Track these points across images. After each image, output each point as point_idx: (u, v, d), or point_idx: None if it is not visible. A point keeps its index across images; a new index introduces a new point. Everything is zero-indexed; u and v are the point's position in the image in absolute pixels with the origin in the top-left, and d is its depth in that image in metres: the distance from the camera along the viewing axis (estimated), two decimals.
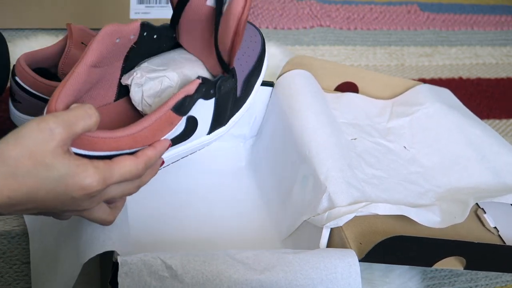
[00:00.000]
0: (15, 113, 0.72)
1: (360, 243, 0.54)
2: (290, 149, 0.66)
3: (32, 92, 0.69)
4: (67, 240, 0.52)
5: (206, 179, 0.70)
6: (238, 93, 0.56)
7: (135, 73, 0.52)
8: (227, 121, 0.56)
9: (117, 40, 0.49)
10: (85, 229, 0.49)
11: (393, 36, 1.14)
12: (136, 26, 0.50)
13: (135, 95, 0.52)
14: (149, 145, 0.45)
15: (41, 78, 0.68)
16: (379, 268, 0.63)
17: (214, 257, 0.48)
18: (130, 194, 0.46)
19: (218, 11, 0.50)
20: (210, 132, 0.54)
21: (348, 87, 0.81)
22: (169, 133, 0.47)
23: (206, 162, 0.72)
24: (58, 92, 0.42)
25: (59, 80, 0.69)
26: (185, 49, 0.57)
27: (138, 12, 0.94)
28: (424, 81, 1.04)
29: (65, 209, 0.42)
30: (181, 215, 0.65)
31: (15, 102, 0.70)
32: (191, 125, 0.50)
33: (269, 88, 0.72)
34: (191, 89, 0.47)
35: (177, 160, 0.54)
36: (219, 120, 0.54)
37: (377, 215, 0.57)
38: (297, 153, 0.64)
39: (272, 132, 0.71)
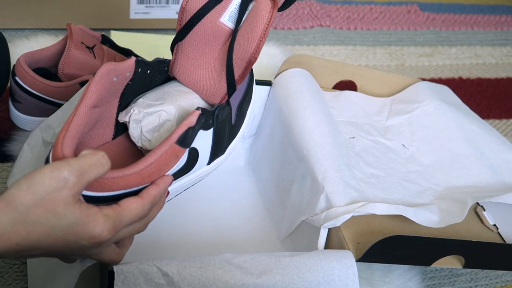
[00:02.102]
0: (15, 113, 0.72)
1: (358, 243, 0.54)
2: (289, 149, 0.66)
3: (32, 92, 0.69)
4: None
5: (204, 178, 0.70)
6: (233, 120, 0.56)
7: (132, 110, 0.52)
8: (225, 149, 0.56)
9: (115, 79, 0.49)
10: None
11: (393, 36, 1.14)
12: (132, 63, 0.50)
13: (134, 131, 0.52)
14: (152, 183, 0.45)
15: (41, 78, 0.68)
16: (379, 268, 0.63)
17: (210, 262, 0.47)
18: (138, 232, 0.46)
19: (236, 27, 0.51)
20: (210, 162, 0.54)
21: (346, 85, 0.80)
22: (173, 167, 0.47)
23: None
24: (62, 136, 0.42)
25: (59, 80, 0.69)
26: (178, 81, 0.57)
27: (138, 12, 0.94)
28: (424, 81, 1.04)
29: (75, 254, 0.42)
30: (180, 215, 0.65)
31: (15, 102, 0.70)
32: (193, 157, 0.50)
33: (267, 88, 0.72)
34: (193, 120, 0.47)
35: (180, 193, 0.54)
36: (218, 149, 0.54)
37: (375, 215, 0.57)
38: (295, 152, 0.64)
39: (270, 132, 0.71)
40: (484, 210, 0.65)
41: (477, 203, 0.66)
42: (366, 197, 0.59)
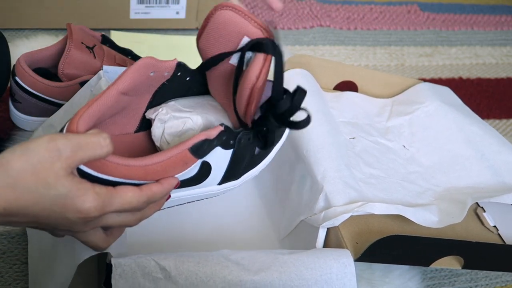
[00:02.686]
0: (15, 113, 0.72)
1: (357, 243, 0.54)
2: (288, 149, 0.66)
3: (32, 92, 0.69)
4: (64, 241, 0.52)
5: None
6: (256, 151, 0.54)
7: (160, 109, 0.52)
8: (240, 176, 0.55)
9: (152, 74, 0.49)
10: None
11: (393, 36, 1.14)
12: (173, 65, 0.50)
13: (156, 130, 0.51)
14: (157, 180, 0.45)
15: (41, 78, 0.68)
16: (379, 268, 0.63)
17: (208, 258, 0.48)
18: (129, 226, 0.45)
19: (237, 71, 0.50)
20: (221, 183, 0.53)
21: (347, 86, 0.81)
22: (181, 174, 0.46)
23: None
24: (83, 111, 0.42)
25: (59, 80, 0.69)
26: (213, 97, 0.57)
27: (138, 12, 0.95)
28: (424, 81, 1.04)
29: (59, 228, 0.42)
30: (179, 215, 0.65)
31: (15, 102, 0.71)
32: (204, 171, 0.49)
33: None
34: (212, 134, 0.46)
35: (182, 204, 0.53)
36: (232, 173, 0.53)
37: (374, 214, 0.57)
38: (294, 152, 0.64)
39: None
40: (484, 211, 0.65)
41: (477, 204, 0.66)
42: (366, 197, 0.59)
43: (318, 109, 0.68)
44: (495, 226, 0.64)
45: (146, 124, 0.54)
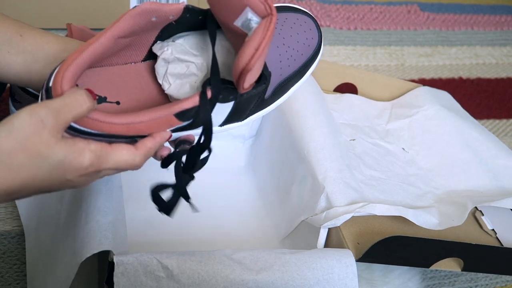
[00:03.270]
0: None
1: (358, 243, 0.54)
2: (289, 150, 0.66)
3: (32, 92, 0.69)
4: (63, 239, 0.52)
5: (205, 178, 0.70)
6: (267, 94, 0.51)
7: (166, 48, 0.50)
8: (245, 118, 0.52)
9: (154, 19, 0.47)
10: (81, 228, 0.49)
11: (393, 36, 1.14)
12: (179, 8, 0.47)
13: (160, 68, 0.50)
14: (149, 135, 0.44)
15: None
16: (379, 268, 0.62)
17: (210, 257, 0.48)
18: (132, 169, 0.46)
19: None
20: (222, 125, 0.51)
21: (347, 88, 0.81)
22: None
23: None
24: (72, 60, 0.42)
25: None
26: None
27: None
28: (424, 81, 1.04)
29: (61, 188, 0.42)
30: (179, 215, 0.65)
31: (15, 102, 0.71)
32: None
33: None
34: (199, 98, 0.44)
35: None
36: (236, 117, 0.51)
37: (375, 215, 0.57)
38: (295, 153, 0.64)
39: (271, 133, 0.71)
40: (483, 215, 0.65)
41: (476, 208, 0.66)
42: (366, 198, 0.59)
43: (319, 110, 0.68)
44: (493, 230, 0.64)
45: (154, 55, 0.52)
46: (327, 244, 0.56)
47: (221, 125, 0.51)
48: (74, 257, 0.47)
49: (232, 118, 0.50)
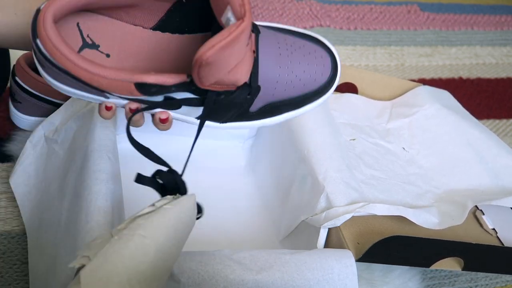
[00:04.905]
0: (15, 113, 0.72)
1: (358, 243, 0.54)
2: (289, 149, 0.66)
3: (32, 92, 0.69)
4: (64, 239, 0.52)
5: (205, 178, 0.70)
6: (253, 108, 0.50)
7: None
8: (224, 122, 0.51)
9: None
10: (82, 228, 0.49)
11: (393, 36, 1.14)
12: None
13: None
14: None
15: (41, 78, 0.68)
16: (379, 268, 0.62)
17: (210, 257, 0.48)
18: None
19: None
20: (199, 118, 0.50)
21: (347, 87, 0.81)
22: (140, 97, 0.45)
23: (205, 162, 0.72)
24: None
25: None
26: None
27: None
28: (424, 81, 1.04)
29: None
30: None
31: (15, 102, 0.71)
32: (171, 104, 0.46)
33: None
34: (168, 81, 0.43)
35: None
36: (213, 117, 0.50)
37: (375, 215, 0.57)
38: (295, 153, 0.64)
39: (271, 133, 0.71)
40: (483, 214, 0.65)
41: (476, 207, 0.66)
42: (366, 198, 0.59)
43: (319, 110, 0.68)
44: (493, 229, 0.64)
45: (166, 24, 0.51)
46: (327, 244, 0.56)
47: (197, 118, 0.50)
48: (75, 257, 0.47)
49: (210, 116, 0.49)
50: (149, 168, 0.69)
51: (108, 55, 0.49)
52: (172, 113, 0.49)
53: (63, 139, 0.62)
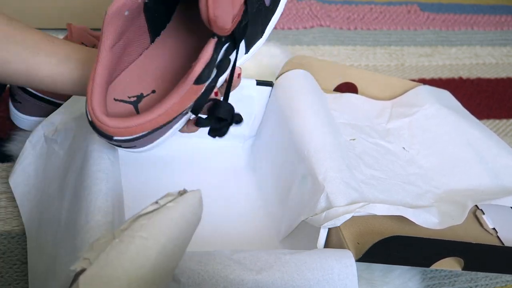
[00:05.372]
0: (15, 113, 0.72)
1: (358, 243, 0.54)
2: (289, 149, 0.66)
3: (32, 92, 0.69)
4: (64, 239, 0.52)
5: (205, 178, 0.70)
6: (267, 2, 0.53)
7: None
8: (263, 32, 0.55)
9: (126, 13, 0.47)
10: (82, 227, 0.49)
11: (393, 36, 1.14)
12: None
13: None
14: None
15: None
16: (379, 268, 0.62)
17: (210, 257, 0.48)
18: None
19: None
20: (247, 51, 0.53)
21: (347, 87, 0.81)
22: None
23: (205, 162, 0.72)
24: (91, 90, 0.45)
25: None
26: None
27: None
28: (424, 81, 1.04)
29: None
30: None
31: (15, 102, 0.71)
32: (224, 66, 0.49)
33: (269, 88, 0.72)
34: (208, 54, 0.46)
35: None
36: (253, 36, 0.53)
37: (375, 215, 0.57)
38: (295, 153, 0.64)
39: (271, 132, 0.71)
40: (484, 213, 0.65)
41: (477, 206, 0.66)
42: (366, 198, 0.59)
43: (319, 110, 0.68)
44: (494, 229, 0.64)
45: (156, 30, 0.53)
46: (327, 244, 0.56)
47: (246, 52, 0.53)
48: (75, 257, 0.47)
49: (251, 39, 0.53)
50: (149, 169, 0.69)
51: (154, 91, 0.51)
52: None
53: (63, 139, 0.62)
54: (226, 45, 0.49)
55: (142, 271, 0.36)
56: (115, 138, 0.46)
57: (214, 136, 0.56)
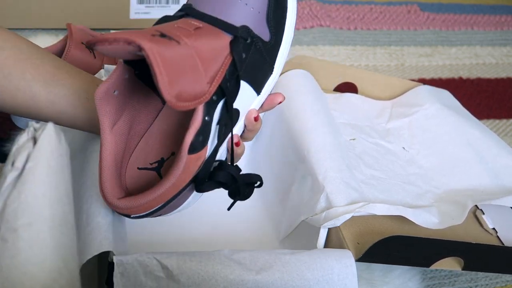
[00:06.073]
0: None
1: (358, 243, 0.54)
2: (289, 149, 0.66)
3: None
4: None
5: None
6: (268, 37, 0.48)
7: None
8: (273, 66, 0.50)
9: (115, 93, 0.46)
10: (83, 229, 0.49)
11: (393, 36, 1.14)
12: (120, 71, 0.45)
13: None
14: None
15: None
16: (378, 268, 0.62)
17: (210, 257, 0.48)
18: None
19: None
20: (258, 92, 0.49)
21: (347, 87, 0.81)
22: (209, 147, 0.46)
23: None
24: (100, 173, 0.45)
25: None
26: None
27: (138, 12, 0.94)
28: (424, 81, 1.04)
29: None
30: (179, 215, 0.65)
31: None
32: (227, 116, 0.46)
33: None
34: (197, 122, 0.43)
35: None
36: (259, 80, 0.49)
37: (375, 215, 0.57)
38: (295, 153, 0.64)
39: (271, 132, 0.71)
40: (484, 213, 0.65)
41: (477, 206, 0.66)
42: (366, 198, 0.59)
43: (319, 110, 0.68)
44: (494, 229, 0.64)
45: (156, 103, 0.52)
46: (327, 244, 0.56)
47: (258, 94, 0.50)
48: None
49: (258, 79, 0.49)
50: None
51: (173, 153, 0.51)
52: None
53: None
54: (222, 101, 0.45)
55: (47, 262, 0.30)
56: (132, 216, 0.46)
57: (234, 199, 0.50)
